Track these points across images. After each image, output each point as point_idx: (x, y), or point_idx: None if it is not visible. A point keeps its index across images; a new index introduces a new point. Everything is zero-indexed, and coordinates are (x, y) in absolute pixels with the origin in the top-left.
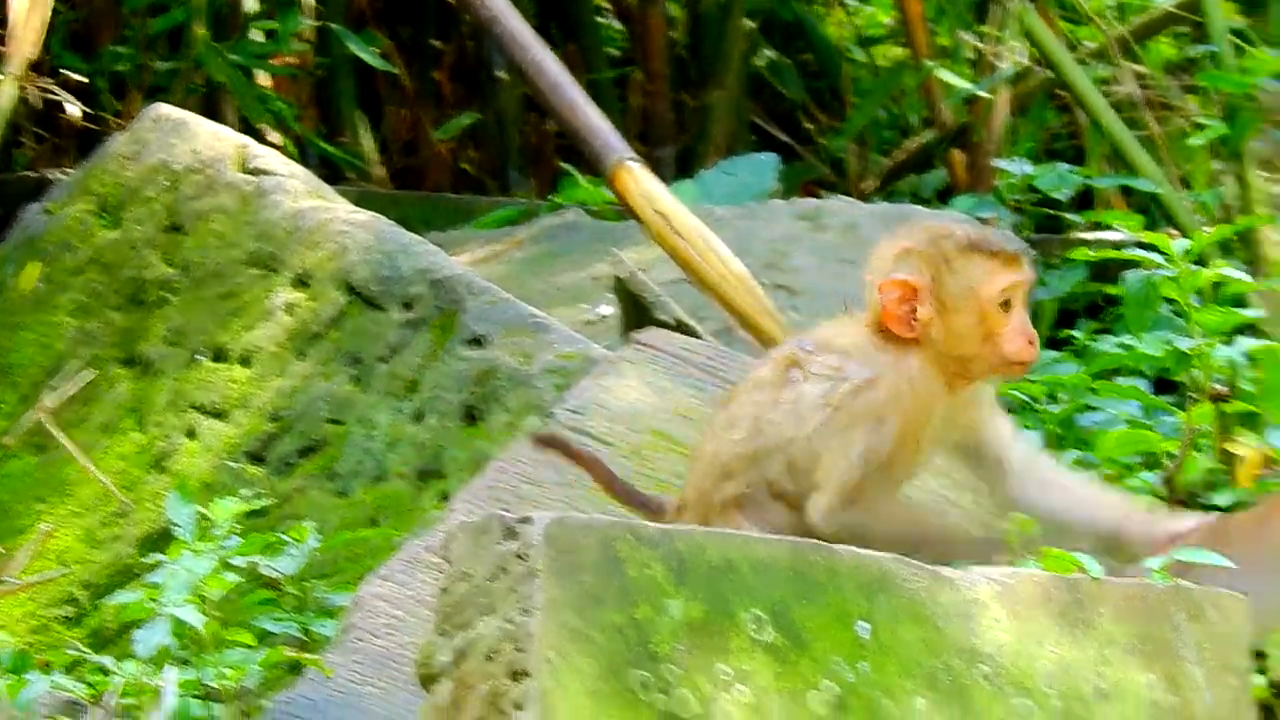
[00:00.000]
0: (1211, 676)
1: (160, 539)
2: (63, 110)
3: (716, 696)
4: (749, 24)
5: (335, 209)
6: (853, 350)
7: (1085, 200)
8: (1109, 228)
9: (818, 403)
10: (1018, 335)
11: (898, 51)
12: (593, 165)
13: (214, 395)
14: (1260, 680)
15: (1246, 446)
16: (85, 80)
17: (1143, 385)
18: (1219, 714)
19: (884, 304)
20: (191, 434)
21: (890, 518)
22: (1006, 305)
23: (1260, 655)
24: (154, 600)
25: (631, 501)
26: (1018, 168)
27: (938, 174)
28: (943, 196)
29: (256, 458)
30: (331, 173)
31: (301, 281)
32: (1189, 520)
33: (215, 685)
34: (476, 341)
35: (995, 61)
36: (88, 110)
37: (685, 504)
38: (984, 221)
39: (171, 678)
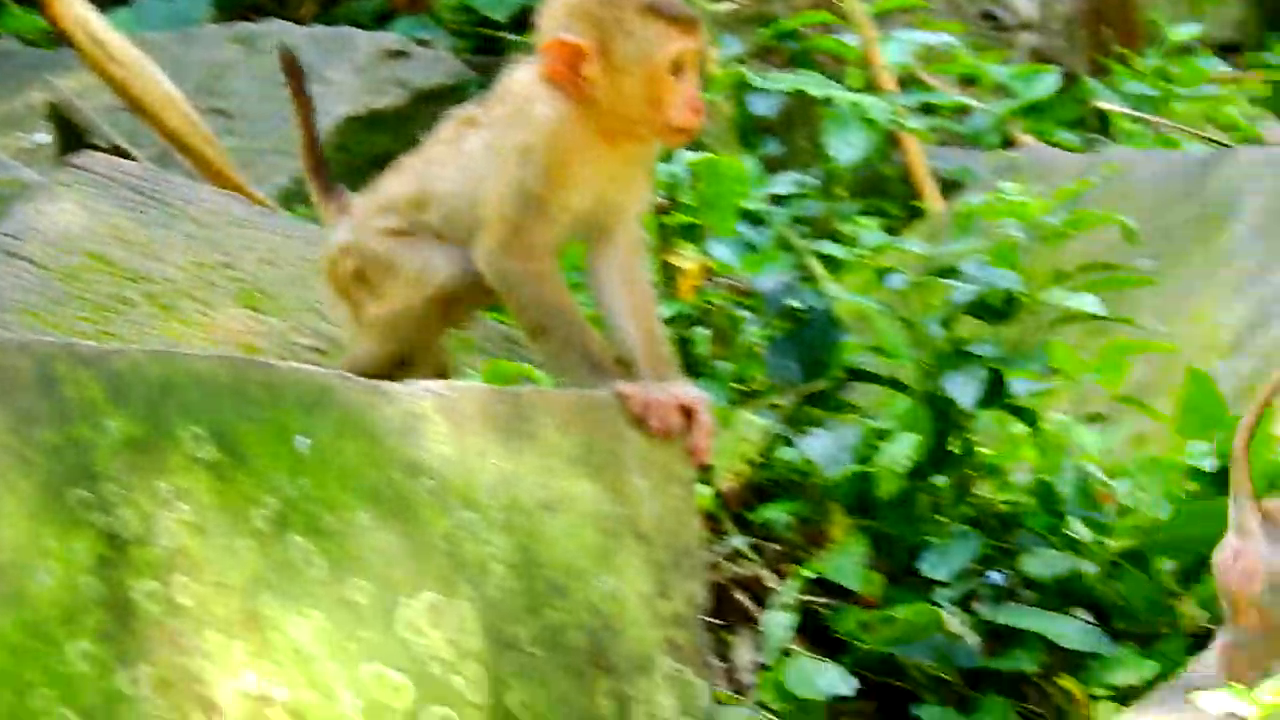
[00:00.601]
0: (656, 487)
1: None
2: None
3: (158, 514)
4: None
5: None
6: (518, 98)
7: (523, 22)
8: None
9: (481, 150)
10: (684, 103)
11: None
12: None
13: None
14: (705, 490)
15: (687, 259)
16: None
17: None
18: (664, 524)
19: (547, 63)
20: None
21: (544, 279)
22: (677, 71)
23: (706, 467)
24: None
25: (317, 173)
26: None
27: None
28: (381, 20)
29: None
30: None
31: None
32: (683, 387)
33: None
34: None
35: None
36: None
37: (347, 210)
38: (421, 44)
39: None
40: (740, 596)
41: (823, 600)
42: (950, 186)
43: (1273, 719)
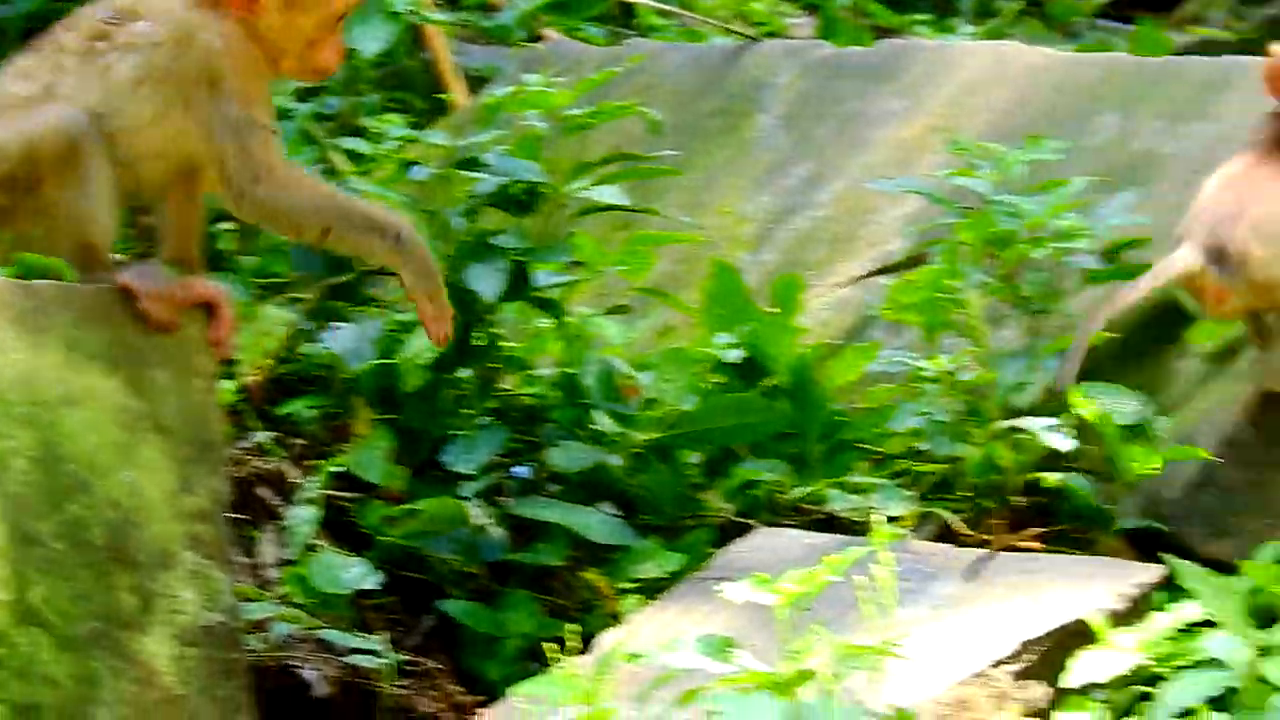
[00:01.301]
0: (178, 381)
1: None
2: None
3: None
4: None
5: None
6: (171, 23)
7: None
8: None
9: (134, 76)
10: (335, 47)
11: None
12: None
13: None
14: (229, 385)
15: None
16: None
17: None
18: (186, 418)
19: None
20: None
21: (292, 184)
22: (341, 18)
23: (229, 362)
24: None
25: None
26: None
27: None
28: None
29: None
30: None
31: None
32: (204, 282)
33: None
34: None
35: None
36: None
37: None
38: None
39: None
40: (264, 492)
41: (348, 494)
42: (477, 82)
43: (797, 605)
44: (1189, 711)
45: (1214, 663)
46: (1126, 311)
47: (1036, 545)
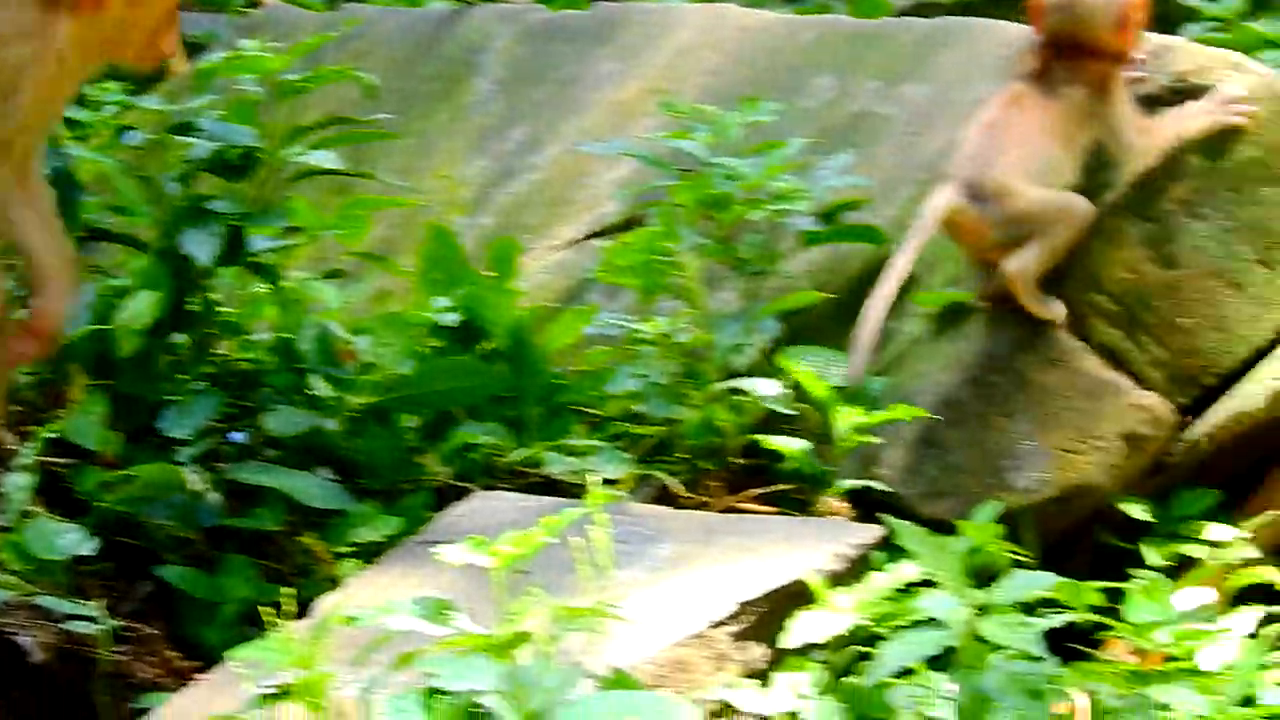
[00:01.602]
0: None
1: None
2: None
3: None
4: None
5: None
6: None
7: None
8: None
9: None
10: (174, 35)
11: None
12: None
13: None
14: None
15: None
16: None
17: None
18: None
19: None
20: None
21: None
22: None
23: None
24: None
25: None
26: None
27: None
28: None
29: None
30: None
31: None
32: None
33: None
34: None
35: None
36: None
37: None
38: None
39: None
40: None
41: (63, 461)
42: (195, 48)
43: (514, 567)
44: (908, 671)
45: (932, 622)
46: (907, 268)
47: (756, 507)
